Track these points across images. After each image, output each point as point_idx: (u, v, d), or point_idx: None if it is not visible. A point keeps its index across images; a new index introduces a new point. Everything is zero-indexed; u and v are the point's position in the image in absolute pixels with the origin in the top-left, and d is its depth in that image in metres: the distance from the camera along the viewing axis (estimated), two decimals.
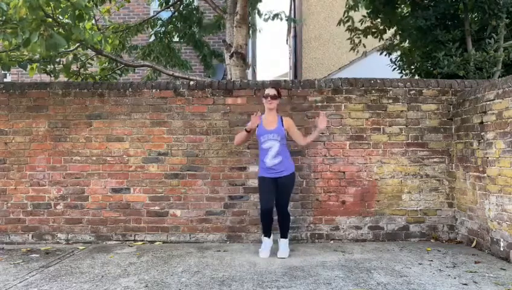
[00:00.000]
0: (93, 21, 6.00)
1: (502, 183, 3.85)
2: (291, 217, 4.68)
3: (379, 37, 7.17)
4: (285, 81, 5.05)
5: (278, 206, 4.11)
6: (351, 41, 7.55)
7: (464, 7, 5.80)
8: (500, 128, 3.88)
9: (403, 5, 6.77)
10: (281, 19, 8.55)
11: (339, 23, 7.45)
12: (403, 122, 4.77)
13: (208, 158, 4.78)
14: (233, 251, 4.32)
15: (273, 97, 4.12)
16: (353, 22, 7.36)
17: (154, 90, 4.83)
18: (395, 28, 6.86)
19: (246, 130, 4.13)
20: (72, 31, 4.71)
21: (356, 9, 7.32)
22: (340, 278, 3.38)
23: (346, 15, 7.31)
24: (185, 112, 4.81)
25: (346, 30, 7.45)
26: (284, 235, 4.16)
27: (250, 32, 7.94)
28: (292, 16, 16.26)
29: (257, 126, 4.11)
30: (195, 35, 8.39)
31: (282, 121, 4.13)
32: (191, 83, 4.93)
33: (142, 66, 7.41)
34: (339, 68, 11.93)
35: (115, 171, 4.78)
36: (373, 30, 7.13)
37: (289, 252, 4.10)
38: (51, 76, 5.98)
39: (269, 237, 4.15)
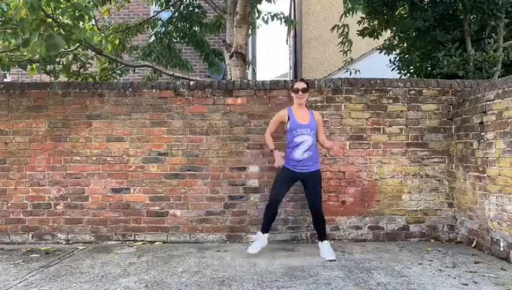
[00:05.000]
0: (93, 21, 6.00)
1: (502, 183, 3.85)
2: (291, 217, 4.70)
3: (375, 36, 7.15)
4: (285, 81, 5.04)
5: (312, 208, 4.04)
6: (341, 46, 7.52)
7: (462, 8, 5.81)
8: (500, 129, 3.88)
9: (401, 7, 6.77)
10: (281, 20, 8.52)
11: (333, 29, 7.43)
12: (403, 122, 4.77)
13: (208, 158, 4.78)
14: (233, 251, 4.32)
15: (304, 91, 4.07)
16: (348, 32, 7.32)
17: (154, 90, 4.83)
18: (393, 29, 6.86)
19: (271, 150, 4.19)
20: (72, 32, 4.71)
21: (354, 12, 7.30)
22: (340, 278, 3.38)
23: (342, 20, 7.27)
24: (185, 112, 4.81)
25: (339, 36, 7.43)
26: (324, 238, 4.09)
27: (250, 30, 7.91)
28: (292, 16, 16.28)
29: (288, 119, 4.06)
30: (196, 35, 8.38)
31: (313, 115, 4.10)
32: (191, 83, 4.94)
33: (142, 66, 7.41)
34: (339, 68, 11.93)
35: (115, 171, 4.78)
36: (370, 31, 7.12)
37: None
38: (50, 76, 5.99)
39: (266, 233, 4.11)
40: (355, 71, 7.45)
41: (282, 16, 8.53)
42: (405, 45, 6.72)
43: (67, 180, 4.78)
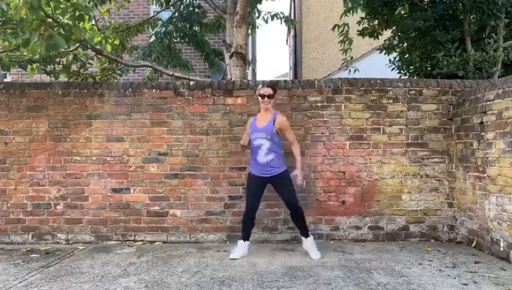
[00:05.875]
0: (93, 21, 6.00)
1: (502, 183, 3.85)
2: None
3: (375, 37, 7.15)
4: (285, 81, 5.05)
5: (285, 203, 4.09)
6: (341, 45, 7.52)
7: (462, 8, 5.80)
8: (500, 129, 3.88)
9: (401, 7, 6.77)
10: (281, 20, 8.51)
11: (333, 28, 7.43)
12: (402, 123, 4.77)
13: (208, 158, 4.78)
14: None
15: (270, 97, 4.05)
16: (348, 32, 7.31)
17: (154, 90, 4.83)
18: (393, 29, 6.86)
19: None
20: (72, 32, 4.72)
21: (354, 11, 7.30)
22: (340, 278, 3.38)
23: (342, 19, 7.27)
24: (185, 112, 4.81)
25: (339, 35, 7.43)
26: (305, 234, 4.10)
27: (250, 30, 7.90)
28: (292, 16, 16.27)
29: (250, 124, 4.16)
30: (196, 34, 8.38)
31: (274, 120, 4.01)
32: (191, 83, 4.94)
33: (142, 66, 7.41)
34: (339, 68, 11.93)
35: (115, 171, 4.78)
36: (370, 31, 7.12)
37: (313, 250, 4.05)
38: (50, 76, 5.99)
39: (245, 241, 4.10)
40: (355, 70, 7.45)
41: (282, 15, 8.53)
42: (405, 45, 6.72)
43: (67, 180, 4.78)
